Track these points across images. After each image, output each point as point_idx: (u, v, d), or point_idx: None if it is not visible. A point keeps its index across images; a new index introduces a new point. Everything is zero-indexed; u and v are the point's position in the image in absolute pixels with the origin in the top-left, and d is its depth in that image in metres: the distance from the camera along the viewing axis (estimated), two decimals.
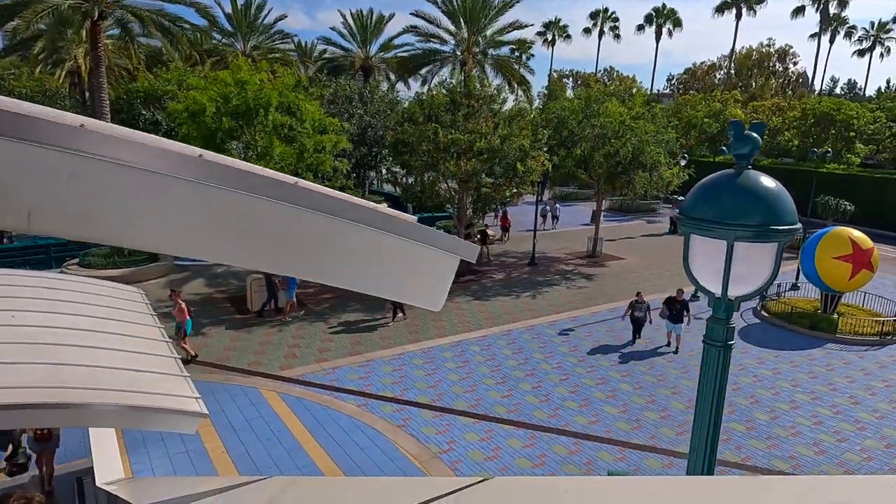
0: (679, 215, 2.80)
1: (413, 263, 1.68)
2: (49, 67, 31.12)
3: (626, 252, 27.75)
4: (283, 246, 1.48)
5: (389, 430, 11.43)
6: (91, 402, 4.89)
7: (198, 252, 1.42)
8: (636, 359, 15.27)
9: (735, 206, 2.51)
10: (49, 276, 8.25)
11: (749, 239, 2.50)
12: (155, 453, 10.45)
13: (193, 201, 1.34)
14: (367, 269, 1.62)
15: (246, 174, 1.40)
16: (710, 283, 2.79)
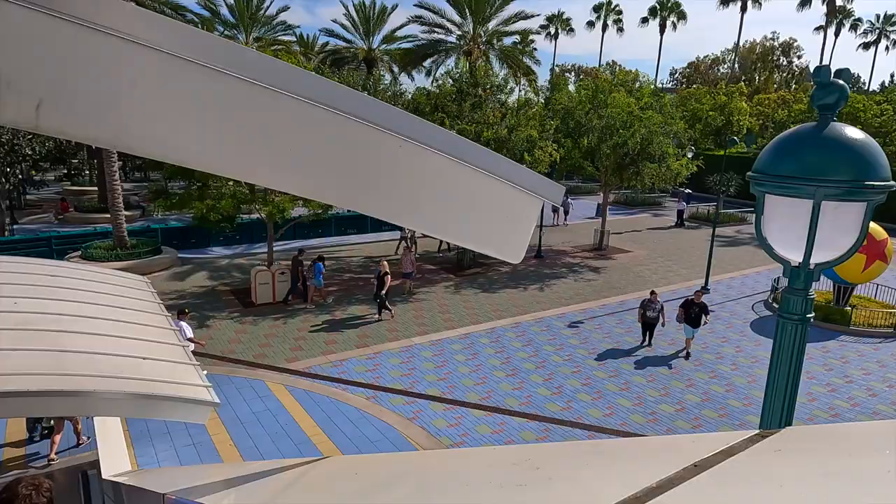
0: (750, 174, 2.53)
1: (493, 203, 1.41)
2: None
3: (632, 245, 27.47)
4: (344, 171, 1.20)
5: (400, 423, 11.19)
6: (97, 390, 4.62)
7: (240, 172, 1.14)
8: (649, 351, 15.01)
9: (822, 161, 2.24)
10: (51, 264, 7.97)
11: (838, 197, 2.23)
12: (161, 446, 10.21)
13: (242, 103, 1.06)
14: (442, 207, 1.33)
15: (306, 76, 1.13)
16: (787, 249, 2.52)
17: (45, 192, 36.38)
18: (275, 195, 17.12)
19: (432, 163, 1.28)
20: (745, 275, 23.02)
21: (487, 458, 1.94)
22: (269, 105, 1.10)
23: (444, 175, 1.31)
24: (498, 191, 1.39)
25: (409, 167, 1.26)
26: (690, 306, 14.65)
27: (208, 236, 24.38)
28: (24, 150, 21.43)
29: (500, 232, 1.45)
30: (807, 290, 2.52)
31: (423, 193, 1.29)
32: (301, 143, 1.16)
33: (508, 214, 1.44)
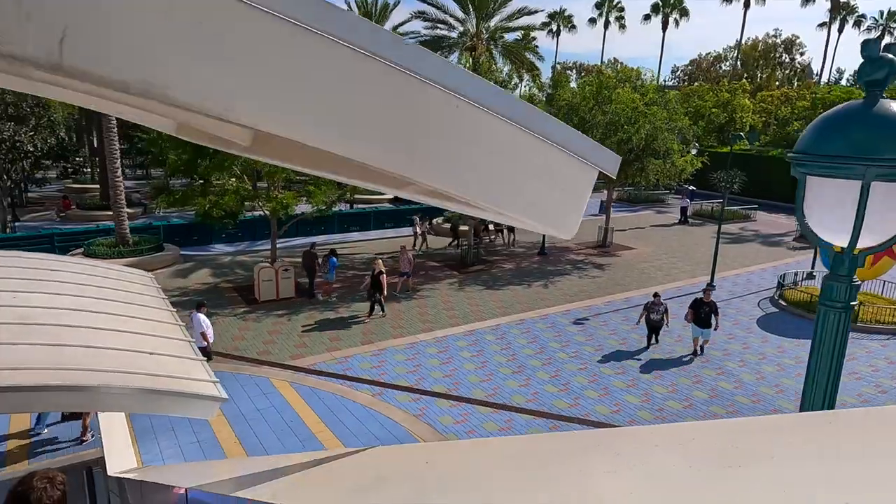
0: (792, 154, 2.41)
1: (551, 173, 1.29)
2: None
3: (636, 242, 27.34)
4: (395, 131, 1.08)
5: (406, 420, 11.08)
6: (100, 385, 4.50)
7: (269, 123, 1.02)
8: (655, 348, 14.89)
9: (873, 139, 2.12)
10: (51, 258, 7.85)
11: (890, 177, 2.11)
12: (165, 443, 10.11)
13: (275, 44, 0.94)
14: (497, 177, 1.22)
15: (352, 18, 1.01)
16: (830, 233, 2.40)
17: (47, 190, 36.29)
18: (278, 191, 17.00)
19: (490, 126, 1.16)
20: (750, 272, 22.89)
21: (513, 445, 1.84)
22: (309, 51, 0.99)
23: (501, 140, 1.19)
24: (556, 159, 1.28)
25: (464, 129, 1.14)
26: (700, 306, 14.17)
27: (211, 233, 24.27)
28: (26, 146, 21.32)
29: (555, 205, 1.33)
30: (850, 277, 2.40)
31: (478, 160, 1.18)
32: (347, 97, 1.04)
33: (565, 185, 1.32)
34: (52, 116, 22.93)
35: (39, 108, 22.07)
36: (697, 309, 14.17)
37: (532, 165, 1.26)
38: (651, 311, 14.56)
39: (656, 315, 14.53)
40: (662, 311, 14.54)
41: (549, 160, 1.27)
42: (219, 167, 15.62)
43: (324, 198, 17.04)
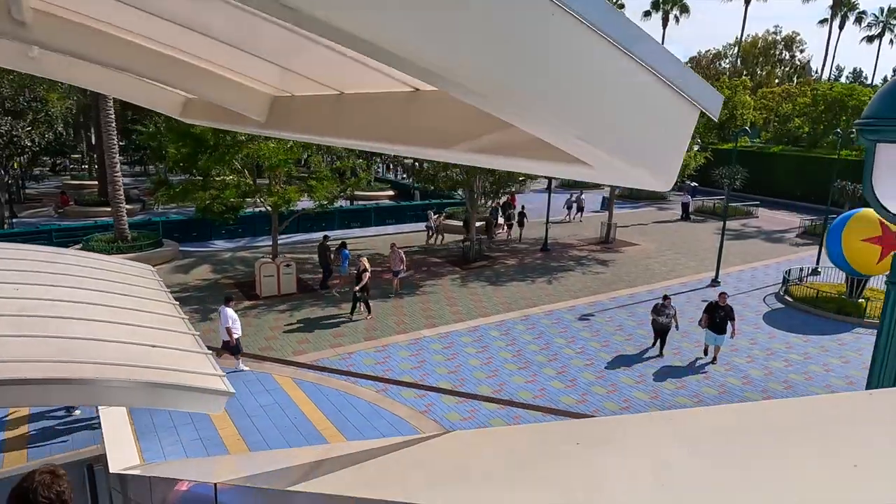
0: (861, 121, 2.23)
1: (655, 108, 1.10)
2: None
3: (639, 238, 27.18)
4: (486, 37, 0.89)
5: (412, 417, 10.91)
6: (103, 378, 4.29)
7: None
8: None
9: None
10: (51, 251, 7.64)
11: None
12: (167, 440, 9.92)
13: None
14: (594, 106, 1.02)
15: None
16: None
17: (45, 187, 36.02)
18: (279, 186, 16.80)
19: (591, 45, 0.97)
20: (754, 268, 22.74)
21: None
22: None
23: (603, 64, 1.00)
24: (662, 95, 1.09)
25: (562, 45, 0.95)
26: (715, 310, 13.23)
27: (210, 230, 24.04)
28: (24, 140, 21.06)
29: (655, 147, 1.14)
30: None
31: (575, 83, 0.99)
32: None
33: (667, 126, 1.14)
34: (50, 111, 22.68)
35: (37, 102, 21.82)
36: (713, 313, 13.24)
37: (640, 98, 1.08)
38: (660, 313, 13.64)
39: (664, 318, 13.60)
40: (671, 314, 13.61)
41: (659, 96, 1.09)
42: (219, 161, 15.41)
43: (325, 192, 16.82)
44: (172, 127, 15.71)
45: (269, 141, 15.41)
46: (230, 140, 15.58)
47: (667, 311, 13.61)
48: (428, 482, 1.68)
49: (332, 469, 2.48)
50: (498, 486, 1.32)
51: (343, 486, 1.97)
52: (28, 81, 21.43)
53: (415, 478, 1.78)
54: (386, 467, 2.00)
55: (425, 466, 1.84)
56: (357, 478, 2.03)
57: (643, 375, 12.92)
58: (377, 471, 2.02)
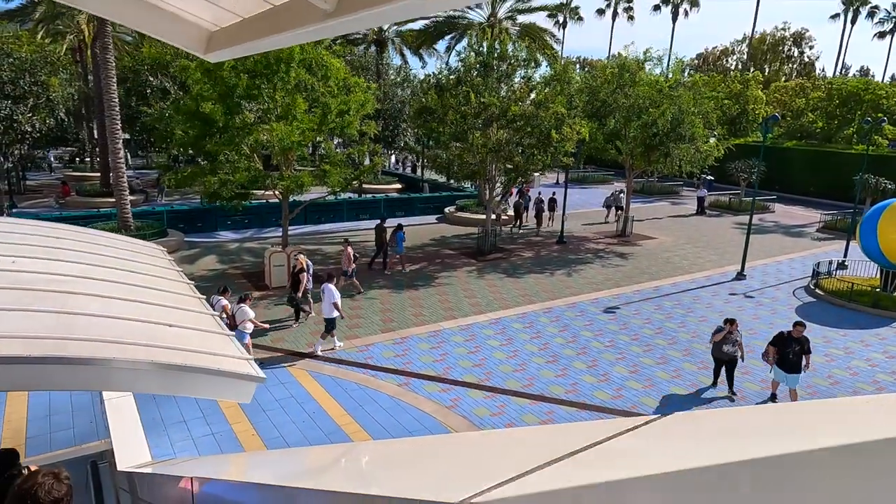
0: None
1: None
2: (49, 41, 29.71)
3: (655, 232, 26.46)
4: None
5: (438, 412, 10.17)
6: (115, 358, 3.56)
7: None
8: (695, 336, 13.98)
9: None
10: (53, 225, 6.85)
11: None
12: (176, 436, 9.21)
13: None
14: None
15: None
16: None
17: (45, 178, 35.30)
18: (291, 170, 16.06)
19: None
20: (778, 261, 22.00)
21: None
22: None
23: None
24: None
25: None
26: (787, 343, 10.38)
27: (216, 220, 23.35)
28: (24, 126, 20.31)
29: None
30: None
31: None
32: None
33: None
34: (52, 96, 21.93)
35: (38, 86, 21.07)
36: (784, 347, 10.38)
37: None
38: (725, 340, 10.85)
39: (730, 346, 10.85)
40: (739, 342, 10.92)
41: None
42: (228, 143, 14.67)
43: (339, 177, 16.07)
44: (180, 108, 14.98)
45: (280, 122, 14.66)
46: (239, 122, 14.84)
47: (733, 339, 10.86)
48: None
49: (367, 467, 2.05)
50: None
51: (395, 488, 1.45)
52: (29, 65, 20.71)
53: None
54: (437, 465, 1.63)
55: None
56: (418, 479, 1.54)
57: (679, 370, 12.18)
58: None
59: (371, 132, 17.03)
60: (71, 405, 10.00)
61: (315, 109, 15.77)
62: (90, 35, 26.19)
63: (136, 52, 27.66)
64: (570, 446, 1.12)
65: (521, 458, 1.17)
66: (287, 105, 14.79)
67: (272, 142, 15.23)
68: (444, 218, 27.48)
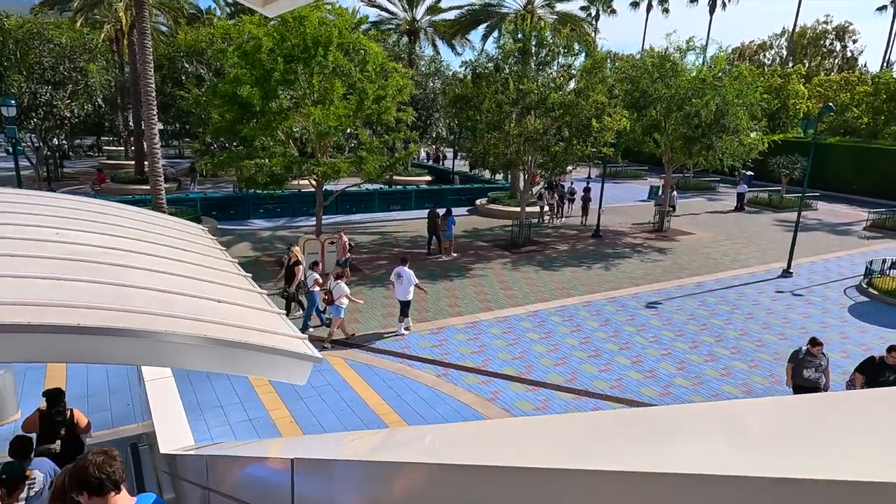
0: None
1: None
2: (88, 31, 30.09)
3: (693, 227, 25.68)
4: None
5: (478, 404, 9.84)
6: (169, 331, 3.28)
7: None
8: (742, 334, 13.39)
9: None
10: (97, 202, 6.66)
11: None
12: (213, 420, 9.05)
13: None
14: None
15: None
16: None
17: (81, 166, 35.89)
18: (327, 157, 15.84)
19: None
20: (825, 259, 21.11)
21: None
22: None
23: None
24: None
25: None
26: (880, 371, 8.71)
27: (248, 208, 23.39)
28: (63, 111, 20.49)
29: None
30: None
31: None
32: None
33: None
34: (90, 82, 22.11)
35: (77, 72, 21.24)
36: (876, 376, 8.71)
37: None
38: (805, 363, 9.08)
39: (814, 371, 9.03)
40: (823, 367, 9.10)
41: None
42: (265, 128, 14.49)
43: (375, 164, 15.80)
44: (217, 91, 14.86)
45: (317, 107, 14.43)
46: (276, 107, 14.66)
47: (817, 363, 9.06)
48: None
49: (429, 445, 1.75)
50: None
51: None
52: (69, 51, 20.89)
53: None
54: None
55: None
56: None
57: (728, 368, 11.63)
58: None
59: (407, 119, 16.68)
60: (108, 387, 9.93)
61: (351, 97, 15.53)
62: (127, 23, 26.37)
63: (171, 41, 27.81)
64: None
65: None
66: (324, 89, 14.55)
67: (307, 127, 15.02)
68: (476, 210, 27.09)
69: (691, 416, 1.25)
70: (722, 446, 1.00)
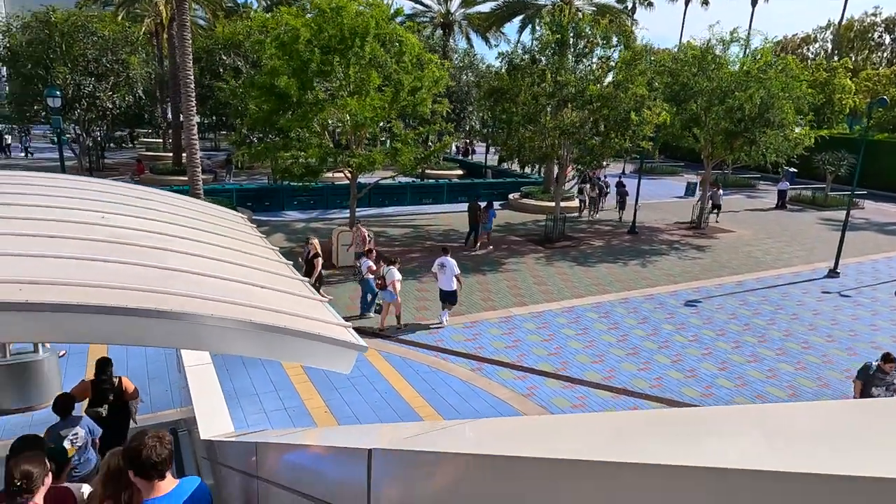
0: None
1: None
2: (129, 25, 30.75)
3: (732, 225, 24.96)
4: None
5: (513, 399, 9.67)
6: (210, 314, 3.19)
7: None
8: (787, 335, 12.90)
9: None
10: (140, 188, 6.70)
11: None
12: (249, 408, 9.09)
13: None
14: None
15: None
16: None
17: (121, 157, 36.76)
18: (361, 148, 15.81)
19: None
20: (874, 260, 20.27)
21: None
22: None
23: None
24: None
25: None
26: (878, 378, 8.38)
27: (283, 200, 23.60)
28: (105, 103, 20.94)
29: None
30: None
31: None
32: None
33: None
34: (131, 73, 22.56)
35: (119, 64, 21.68)
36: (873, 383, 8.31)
37: None
38: (874, 381, 8.40)
39: (884, 391, 8.42)
40: (895, 386, 8.42)
41: None
42: (301, 119, 14.52)
43: (410, 156, 15.70)
44: (255, 82, 14.95)
45: (353, 98, 14.39)
46: (312, 98, 14.66)
47: (889, 381, 8.37)
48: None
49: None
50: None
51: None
52: (111, 44, 21.33)
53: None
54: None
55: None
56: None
57: (774, 370, 11.21)
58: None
59: (443, 111, 16.52)
60: (147, 373, 10.05)
61: (386, 88, 15.44)
62: (167, 16, 26.82)
63: (209, 34, 28.22)
64: None
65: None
66: (360, 80, 14.49)
67: (343, 119, 15.00)
68: (508, 204, 26.82)
69: (737, 416, 1.17)
70: (763, 445, 0.89)
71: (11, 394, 8.79)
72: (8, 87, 25.84)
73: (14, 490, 3.07)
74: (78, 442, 5.60)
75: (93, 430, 5.87)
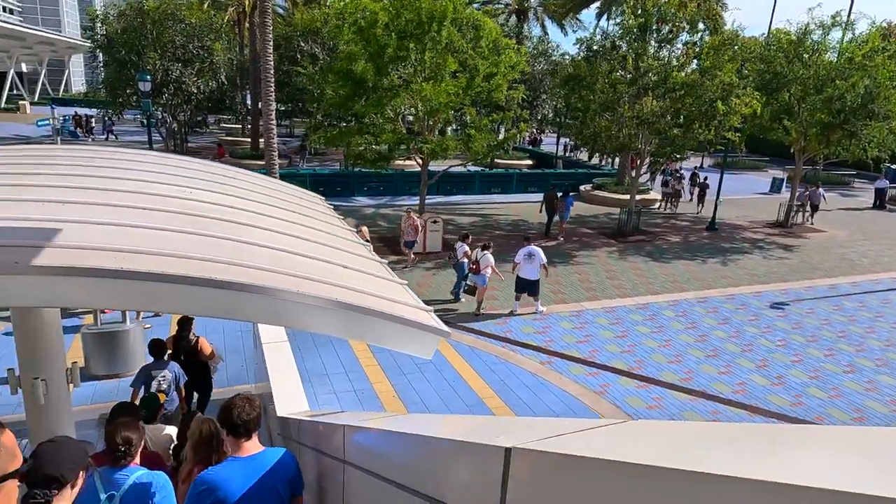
0: None
1: None
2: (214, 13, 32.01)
3: (824, 225, 23.24)
4: None
5: (585, 395, 9.33)
6: (294, 290, 3.07)
7: None
8: (889, 345, 11.84)
9: None
10: (223, 167, 6.80)
11: None
12: (320, 389, 9.21)
13: None
14: None
15: None
16: None
17: (202, 141, 38.46)
18: (433, 135, 15.71)
19: None
20: None
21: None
22: None
23: None
24: None
25: None
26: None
27: (353, 186, 23.95)
28: (190, 87, 21.85)
29: None
30: None
31: None
32: None
33: None
34: (215, 59, 23.43)
35: (204, 50, 22.56)
36: None
37: None
38: None
39: None
40: None
41: None
42: (376, 104, 14.56)
43: (483, 143, 15.46)
44: (332, 68, 15.11)
45: (428, 83, 14.28)
46: (388, 83, 14.66)
47: None
48: None
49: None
50: None
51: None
52: (197, 31, 22.20)
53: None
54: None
55: None
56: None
57: (874, 382, 10.29)
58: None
59: (518, 97, 16.15)
60: (224, 348, 10.36)
61: (460, 75, 15.24)
62: (249, 4, 27.65)
63: (288, 21, 28.91)
64: None
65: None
66: (436, 65, 14.35)
67: (416, 105, 14.92)
68: (580, 196, 26.09)
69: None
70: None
71: (101, 361, 9.30)
72: (104, 73, 27.51)
73: (119, 454, 3.41)
74: (164, 384, 6.49)
75: (178, 375, 6.74)
